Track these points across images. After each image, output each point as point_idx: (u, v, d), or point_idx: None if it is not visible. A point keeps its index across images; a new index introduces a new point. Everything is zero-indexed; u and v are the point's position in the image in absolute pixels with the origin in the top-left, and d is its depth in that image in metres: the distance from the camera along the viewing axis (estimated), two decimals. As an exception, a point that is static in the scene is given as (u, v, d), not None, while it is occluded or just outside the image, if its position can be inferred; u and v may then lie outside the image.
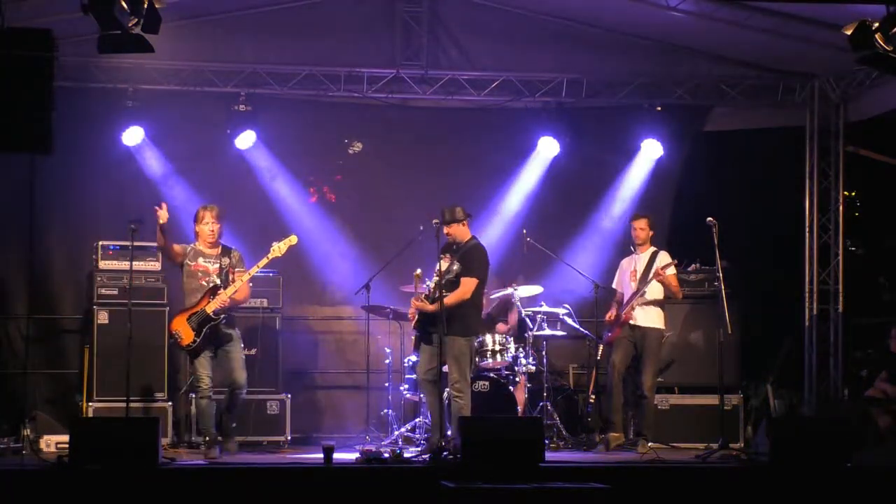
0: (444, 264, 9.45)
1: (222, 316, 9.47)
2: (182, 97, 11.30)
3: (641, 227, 10.41)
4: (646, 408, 10.20)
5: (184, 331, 9.41)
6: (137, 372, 9.64)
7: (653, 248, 10.40)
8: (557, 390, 11.17)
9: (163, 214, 9.44)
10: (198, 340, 9.41)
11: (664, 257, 10.31)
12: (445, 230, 9.51)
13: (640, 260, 10.40)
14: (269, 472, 8.36)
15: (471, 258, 9.49)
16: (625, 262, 10.61)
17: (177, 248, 9.65)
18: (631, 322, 10.22)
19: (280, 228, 11.63)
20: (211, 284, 9.53)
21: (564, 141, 11.87)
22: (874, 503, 8.26)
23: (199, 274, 9.57)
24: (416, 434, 10.30)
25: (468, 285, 9.39)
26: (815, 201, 12.01)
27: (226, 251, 9.72)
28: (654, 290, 10.23)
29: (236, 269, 9.65)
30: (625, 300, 10.36)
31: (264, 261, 9.63)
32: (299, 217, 11.80)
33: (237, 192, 11.68)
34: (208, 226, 9.60)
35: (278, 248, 9.63)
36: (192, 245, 9.74)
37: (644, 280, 10.18)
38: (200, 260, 9.61)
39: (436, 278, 9.41)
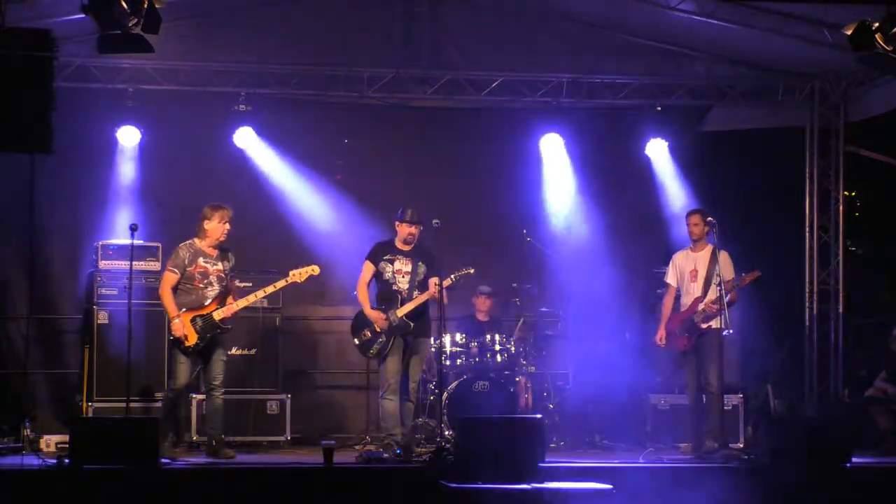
0: (406, 263, 9.52)
1: (229, 325, 9.35)
2: (182, 97, 11.30)
3: (695, 223, 9.93)
4: (713, 406, 9.78)
5: (189, 332, 9.21)
6: (137, 372, 9.63)
7: (710, 246, 9.89)
8: (557, 390, 11.16)
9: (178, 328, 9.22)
10: (200, 345, 9.23)
11: (727, 260, 9.82)
12: (416, 230, 9.57)
13: (699, 260, 9.96)
14: (269, 472, 8.36)
15: (434, 258, 9.58)
16: (680, 259, 10.14)
17: (173, 279, 9.29)
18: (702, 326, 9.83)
19: (280, 228, 11.67)
20: (212, 287, 9.32)
21: (564, 141, 11.87)
22: (874, 503, 8.26)
23: (198, 276, 9.33)
24: (417, 434, 10.29)
25: (437, 285, 9.46)
26: (815, 201, 12.02)
27: (224, 252, 9.50)
28: (711, 292, 9.84)
29: (231, 274, 9.52)
30: (686, 303, 9.94)
31: (282, 283, 9.54)
32: (299, 217, 11.80)
33: (237, 192, 11.66)
34: (226, 226, 9.36)
35: (298, 275, 9.53)
36: (188, 244, 9.42)
37: (709, 285, 9.76)
38: (200, 260, 9.36)
39: (406, 278, 9.50)
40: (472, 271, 9.74)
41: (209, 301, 9.30)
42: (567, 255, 11.55)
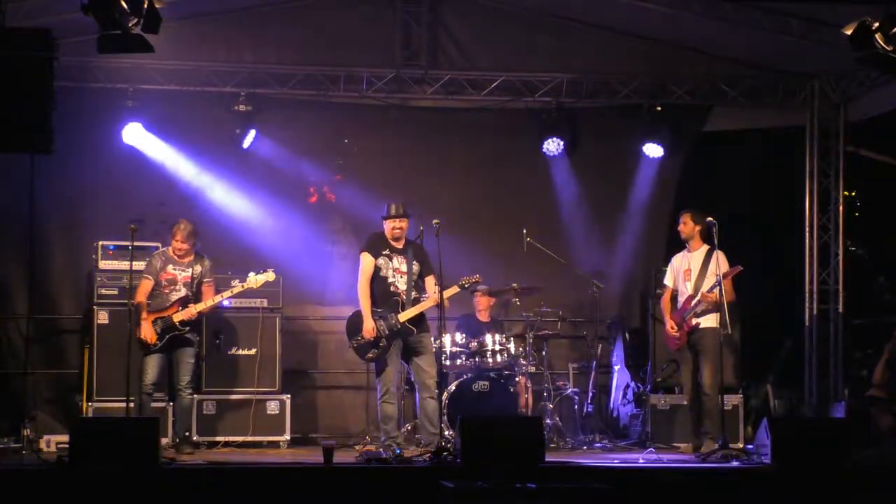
0: (402, 262, 9.48)
1: (187, 327, 9.74)
2: (182, 97, 11.30)
3: (684, 222, 10.06)
4: (708, 407, 9.81)
5: (150, 333, 9.66)
6: (137, 372, 9.63)
7: (706, 247, 9.98)
8: (557, 390, 11.17)
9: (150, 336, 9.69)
10: (159, 344, 9.68)
11: (723, 260, 9.81)
12: (400, 223, 9.52)
13: (693, 259, 10.05)
14: (269, 472, 8.35)
15: (427, 256, 9.58)
16: (676, 260, 10.25)
17: (148, 285, 9.80)
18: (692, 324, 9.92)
19: (280, 228, 11.67)
20: (177, 292, 9.77)
21: (564, 141, 11.88)
22: (874, 503, 8.26)
23: (165, 282, 9.81)
24: (417, 434, 10.29)
25: (435, 282, 9.48)
26: (815, 201, 12.01)
27: (198, 259, 9.95)
28: (702, 289, 9.90)
29: (206, 279, 9.92)
30: (680, 302, 10.05)
31: (238, 288, 9.97)
32: (299, 217, 11.81)
33: (237, 191, 11.69)
34: (177, 243, 9.84)
35: (254, 280, 9.95)
36: (161, 252, 9.94)
37: (701, 284, 9.85)
38: (170, 267, 9.86)
39: (403, 278, 9.46)
40: (478, 279, 9.76)
41: (171, 304, 9.74)
42: (566, 254, 11.54)
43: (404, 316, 9.38)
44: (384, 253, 9.52)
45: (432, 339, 9.77)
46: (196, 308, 9.76)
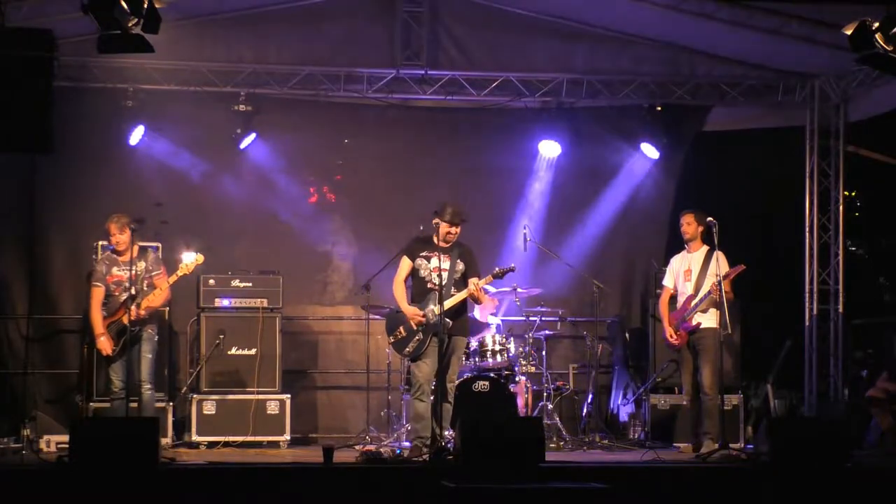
0: (443, 260, 9.29)
1: (138, 327, 9.49)
2: (182, 97, 11.30)
3: (688, 223, 10.04)
4: (708, 407, 9.80)
5: (107, 345, 9.51)
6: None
7: (706, 247, 9.99)
8: (557, 390, 11.17)
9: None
10: (116, 350, 9.51)
11: (723, 261, 9.82)
12: (456, 231, 9.25)
13: (693, 260, 10.04)
14: (269, 472, 8.36)
15: (474, 258, 9.37)
16: (675, 261, 10.24)
17: (100, 293, 9.59)
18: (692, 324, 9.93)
19: (279, 228, 11.68)
20: (126, 292, 9.48)
21: (564, 141, 11.88)
22: (874, 503, 8.26)
23: (113, 286, 9.60)
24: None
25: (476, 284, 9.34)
26: (815, 201, 12.01)
27: (141, 254, 9.67)
28: (703, 290, 9.90)
29: (153, 273, 9.64)
30: (680, 303, 10.05)
31: (173, 277, 9.63)
32: (299, 217, 11.81)
33: (237, 191, 11.70)
34: (114, 238, 9.59)
35: (186, 267, 9.67)
36: (105, 256, 9.75)
37: (703, 284, 9.85)
38: (115, 270, 9.64)
39: (443, 275, 9.22)
40: (513, 267, 9.59)
41: (119, 306, 9.53)
42: (566, 254, 11.55)
43: (440, 308, 9.13)
44: (423, 254, 9.29)
45: (467, 343, 9.71)
46: (142, 306, 9.46)
